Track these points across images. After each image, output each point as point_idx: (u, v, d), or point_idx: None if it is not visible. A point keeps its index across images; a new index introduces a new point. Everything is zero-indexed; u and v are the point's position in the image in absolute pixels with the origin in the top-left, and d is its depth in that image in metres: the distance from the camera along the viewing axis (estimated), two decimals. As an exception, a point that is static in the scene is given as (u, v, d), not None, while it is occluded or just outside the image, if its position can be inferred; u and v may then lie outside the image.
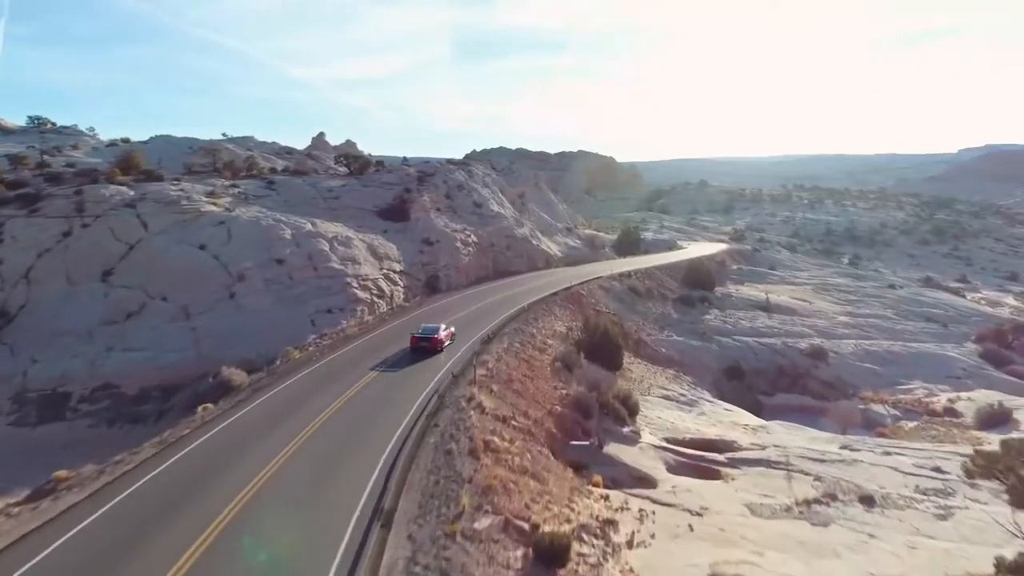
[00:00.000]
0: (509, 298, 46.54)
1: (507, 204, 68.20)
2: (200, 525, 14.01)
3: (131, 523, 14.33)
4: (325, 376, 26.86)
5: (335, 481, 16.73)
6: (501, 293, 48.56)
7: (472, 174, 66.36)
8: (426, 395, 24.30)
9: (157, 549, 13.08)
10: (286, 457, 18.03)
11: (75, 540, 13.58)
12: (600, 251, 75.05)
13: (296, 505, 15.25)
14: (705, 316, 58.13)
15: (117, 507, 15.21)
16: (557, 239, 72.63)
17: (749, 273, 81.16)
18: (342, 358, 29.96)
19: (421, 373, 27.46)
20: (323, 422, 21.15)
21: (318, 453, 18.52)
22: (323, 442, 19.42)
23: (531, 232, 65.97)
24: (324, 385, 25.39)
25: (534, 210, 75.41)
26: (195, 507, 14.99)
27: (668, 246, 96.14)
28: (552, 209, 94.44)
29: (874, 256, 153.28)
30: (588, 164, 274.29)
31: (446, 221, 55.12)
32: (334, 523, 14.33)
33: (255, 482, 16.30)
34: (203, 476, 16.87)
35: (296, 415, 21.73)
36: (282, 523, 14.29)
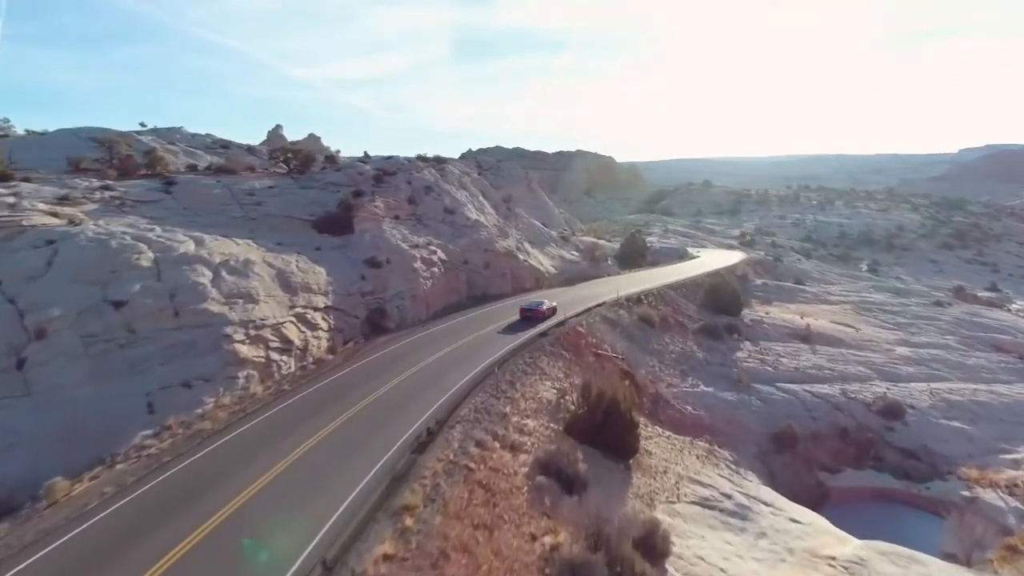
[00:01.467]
0: (482, 341, 33.28)
1: (489, 210, 54.85)
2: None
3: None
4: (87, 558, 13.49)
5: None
6: (472, 331, 35.26)
7: (446, 173, 52.98)
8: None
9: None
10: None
11: None
12: (601, 264, 61.59)
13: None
14: (736, 353, 44.78)
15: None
16: (550, 251, 59.22)
17: (776, 290, 67.76)
18: (165, 491, 16.64)
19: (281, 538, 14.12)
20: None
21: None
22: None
23: (518, 244, 52.54)
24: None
25: (523, 216, 62.09)
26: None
27: (678, 255, 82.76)
28: (546, 214, 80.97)
29: (893, 262, 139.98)
30: (587, 164, 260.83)
31: (405, 233, 41.71)
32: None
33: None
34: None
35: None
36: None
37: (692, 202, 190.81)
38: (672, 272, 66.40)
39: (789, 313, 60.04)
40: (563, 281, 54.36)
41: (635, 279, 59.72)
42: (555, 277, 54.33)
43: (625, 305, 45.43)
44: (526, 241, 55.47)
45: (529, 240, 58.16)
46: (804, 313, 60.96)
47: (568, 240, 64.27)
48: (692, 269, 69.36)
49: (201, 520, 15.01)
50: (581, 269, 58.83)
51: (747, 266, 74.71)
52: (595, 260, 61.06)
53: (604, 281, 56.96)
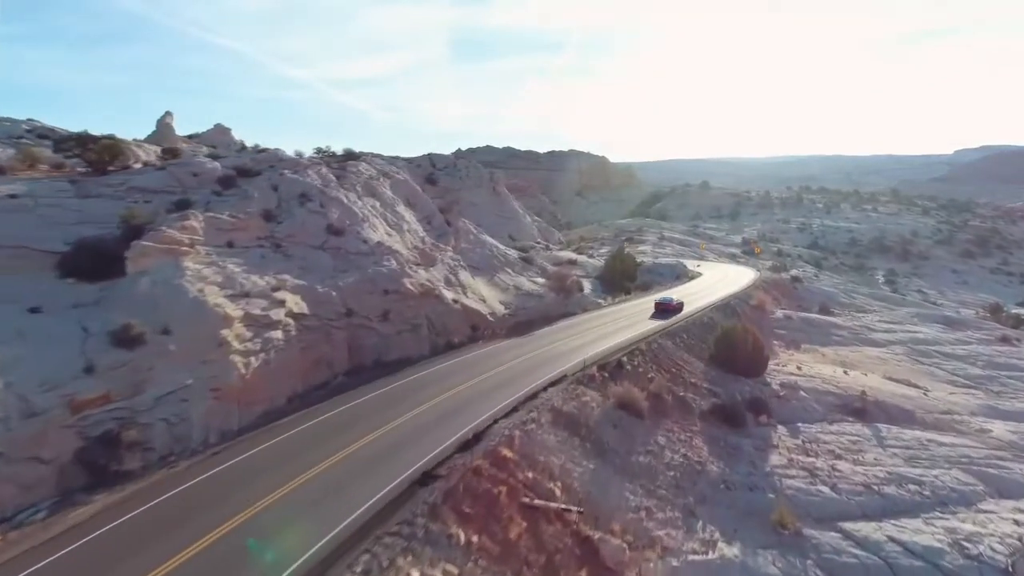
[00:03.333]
0: (310, 495, 16.24)
1: (412, 226, 37.62)
2: None
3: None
4: None
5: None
6: (303, 465, 18.21)
7: (346, 175, 35.66)
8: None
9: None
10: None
11: None
12: (574, 296, 44.29)
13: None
14: (770, 456, 27.55)
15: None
16: (503, 280, 41.91)
17: (803, 326, 50.47)
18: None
19: None
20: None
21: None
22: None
23: (449, 275, 35.32)
24: None
25: (471, 232, 44.85)
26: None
27: (675, 274, 65.52)
28: (515, 224, 63.73)
29: (911, 272, 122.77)
30: (580, 164, 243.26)
31: (233, 271, 24.52)
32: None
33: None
34: None
35: None
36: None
37: (689, 204, 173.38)
38: (669, 303, 49.22)
39: (827, 364, 42.86)
40: (514, 327, 37.19)
41: (619, 317, 42.54)
42: (504, 320, 37.16)
43: (597, 379, 28.28)
44: (465, 268, 38.21)
45: (473, 266, 40.96)
46: (846, 363, 43.78)
47: (532, 262, 47.07)
48: (694, 297, 52.21)
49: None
50: (545, 304, 41.60)
51: (762, 292, 57.39)
52: (565, 290, 43.80)
53: (574, 324, 39.75)
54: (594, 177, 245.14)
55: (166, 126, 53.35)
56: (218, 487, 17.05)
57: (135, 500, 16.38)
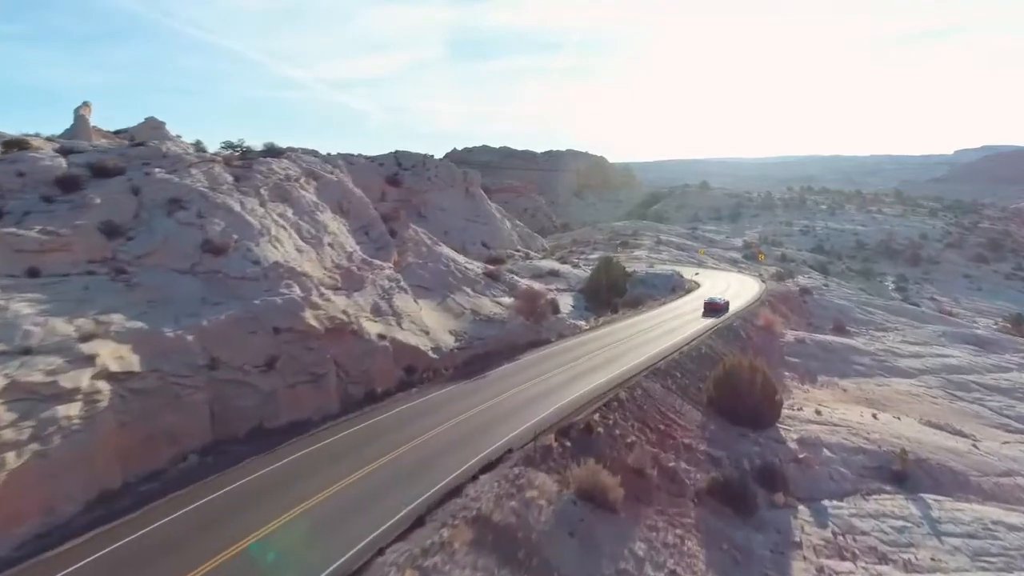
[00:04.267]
0: None
1: (338, 239, 29.57)
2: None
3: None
4: None
5: None
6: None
7: (250, 175, 27.64)
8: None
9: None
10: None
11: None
12: (546, 320, 36.24)
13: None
14: (789, 567, 19.67)
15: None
16: (458, 302, 33.85)
17: (819, 353, 42.32)
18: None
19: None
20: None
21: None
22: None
23: (376, 303, 27.30)
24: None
25: (422, 243, 36.78)
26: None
27: (670, 285, 57.40)
28: (489, 231, 55.75)
29: (922, 277, 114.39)
30: (577, 164, 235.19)
31: (19, 312, 16.67)
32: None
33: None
34: None
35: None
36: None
37: (688, 205, 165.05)
38: (661, 325, 41.20)
39: (851, 403, 34.76)
40: (465, 365, 29.16)
41: (602, 346, 34.47)
42: (452, 357, 29.15)
43: (554, 453, 20.31)
44: (406, 291, 30.17)
45: (420, 286, 32.98)
46: (873, 402, 35.68)
47: (499, 278, 39.00)
48: (693, 317, 44.20)
49: None
50: (509, 332, 33.58)
51: (770, 310, 49.22)
52: (536, 313, 35.75)
53: (543, 358, 31.66)
54: (592, 177, 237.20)
55: (81, 119, 45.35)
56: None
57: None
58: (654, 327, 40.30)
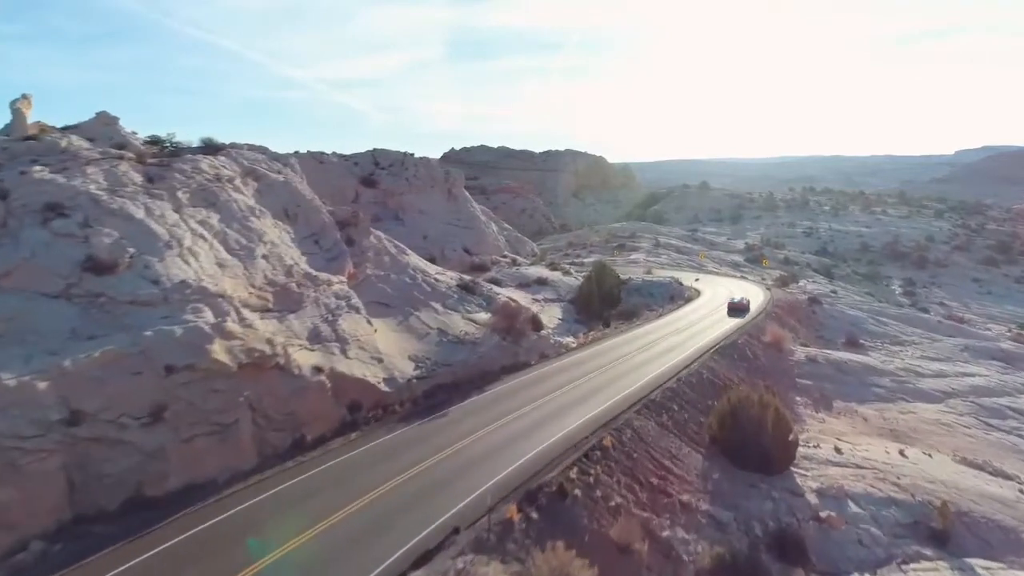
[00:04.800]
0: None
1: (277, 249, 24.91)
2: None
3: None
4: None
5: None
6: None
7: (168, 175, 22.91)
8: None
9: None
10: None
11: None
12: (526, 339, 31.54)
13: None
14: None
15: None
16: (424, 319, 29.12)
17: (832, 373, 37.51)
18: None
19: None
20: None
21: None
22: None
23: (315, 327, 22.67)
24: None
25: (384, 253, 32.00)
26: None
27: (668, 293, 52.69)
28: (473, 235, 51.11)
29: (930, 281, 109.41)
30: (576, 164, 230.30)
31: None
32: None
33: None
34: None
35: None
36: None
37: (688, 207, 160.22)
38: (658, 342, 36.50)
39: (873, 436, 30.04)
40: (426, 397, 24.50)
41: (590, 369, 29.78)
42: (410, 388, 24.47)
43: (515, 528, 15.71)
44: (358, 310, 25.49)
45: (379, 302, 28.33)
46: (898, 433, 30.95)
47: (474, 291, 34.25)
48: (693, 332, 39.54)
49: None
50: (481, 356, 28.89)
51: (777, 323, 44.44)
52: (515, 331, 31.05)
53: (520, 387, 26.96)
54: (591, 177, 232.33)
55: (18, 113, 40.65)
56: None
57: None
58: (650, 345, 35.63)
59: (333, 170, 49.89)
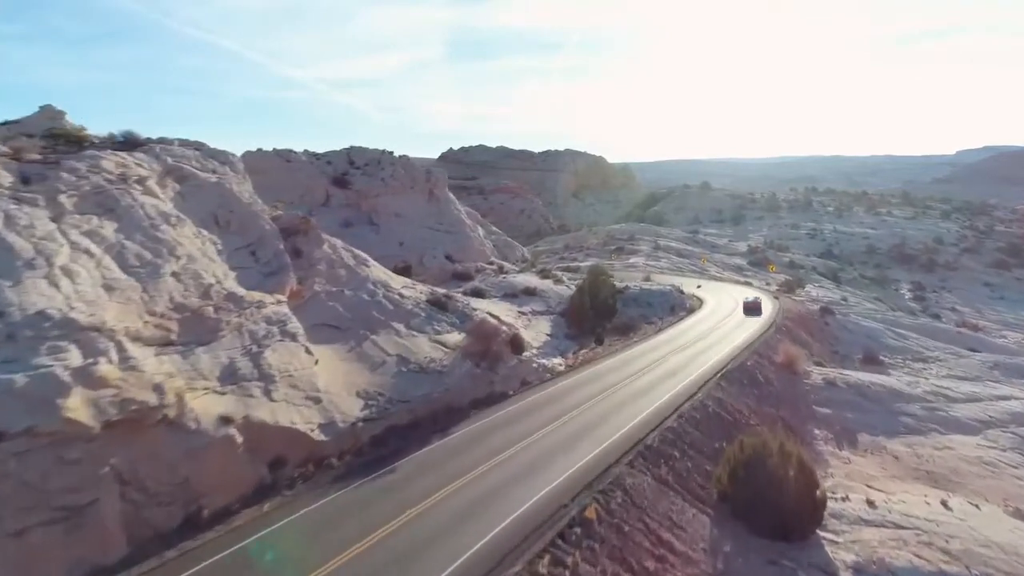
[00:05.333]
0: None
1: (191, 264, 20.37)
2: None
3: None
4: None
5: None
6: None
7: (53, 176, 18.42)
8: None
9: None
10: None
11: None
12: (504, 364, 26.90)
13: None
14: None
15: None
16: (380, 345, 24.52)
17: (853, 398, 32.76)
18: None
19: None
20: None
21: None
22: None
23: (230, 363, 18.14)
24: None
25: (338, 265, 27.40)
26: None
27: (669, 303, 48.03)
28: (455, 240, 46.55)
29: (939, 285, 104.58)
30: (575, 164, 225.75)
31: None
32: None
33: None
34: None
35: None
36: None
37: (688, 207, 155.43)
38: (656, 364, 31.82)
39: (909, 482, 25.37)
40: (373, 446, 19.89)
41: (579, 400, 25.14)
42: (354, 434, 19.85)
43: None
44: (295, 337, 20.88)
45: (327, 324, 23.75)
46: (936, 477, 26.29)
47: (446, 308, 29.62)
48: (696, 350, 34.87)
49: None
50: (449, 388, 24.24)
51: (787, 339, 39.74)
52: (491, 355, 26.45)
53: (491, 428, 22.36)
54: (591, 177, 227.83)
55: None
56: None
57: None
58: (648, 368, 31.00)
59: (302, 170, 45.23)
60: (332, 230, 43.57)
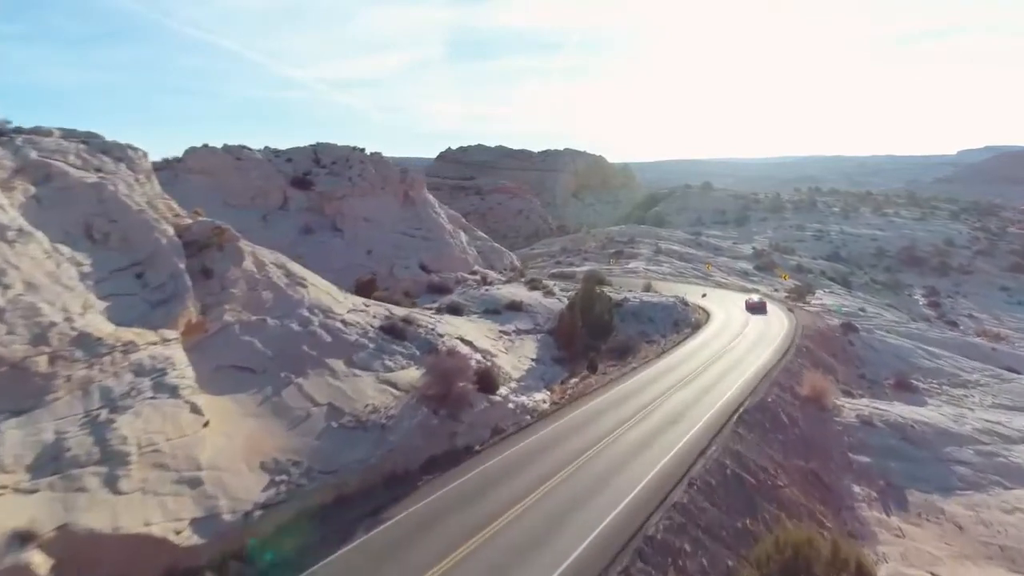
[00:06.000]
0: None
1: (35, 298, 14.88)
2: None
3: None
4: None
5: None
6: None
7: None
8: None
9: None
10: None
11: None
12: (470, 409, 21.19)
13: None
14: None
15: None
16: (307, 391, 18.97)
17: (896, 444, 26.96)
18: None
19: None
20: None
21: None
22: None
23: (57, 438, 12.46)
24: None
25: (261, 287, 21.89)
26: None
27: (672, 319, 42.31)
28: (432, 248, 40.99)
29: (953, 289, 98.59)
30: (575, 164, 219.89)
31: None
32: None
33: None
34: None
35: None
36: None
37: (690, 208, 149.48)
38: (658, 401, 26.08)
39: (979, 565, 19.69)
40: (271, 545, 14.34)
41: (557, 463, 19.47)
42: (244, 530, 14.21)
43: None
44: (171, 390, 15.29)
45: (228, 369, 18.18)
46: (1010, 552, 20.48)
47: (403, 335, 23.89)
48: (705, 381, 29.14)
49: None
50: (393, 449, 18.58)
51: (809, 363, 33.97)
52: (453, 399, 20.79)
53: (435, 514, 16.76)
54: (591, 177, 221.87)
55: None
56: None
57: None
58: (648, 407, 25.32)
59: (255, 169, 39.59)
60: (289, 238, 38.04)
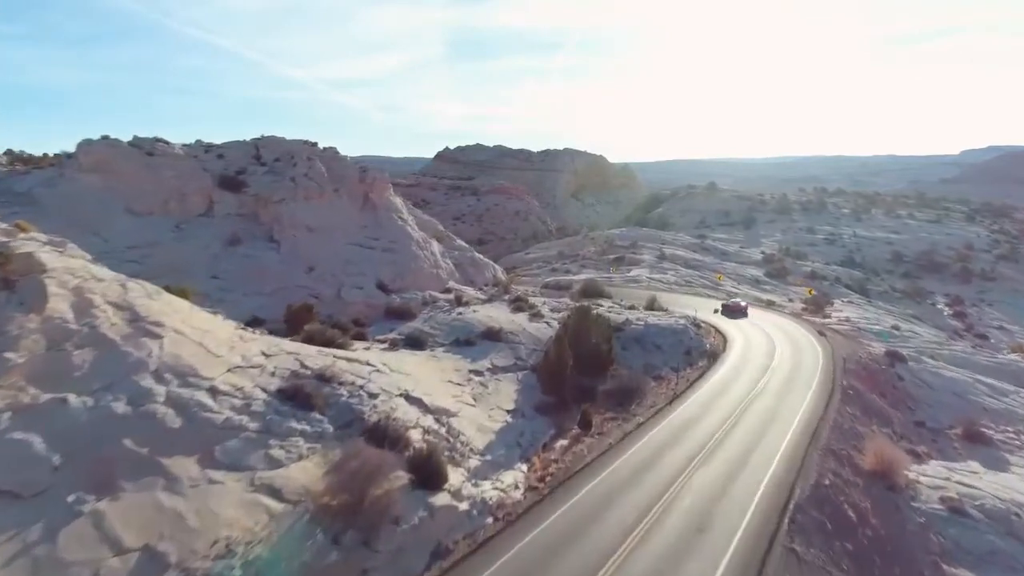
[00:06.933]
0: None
1: None
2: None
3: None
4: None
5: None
6: None
7: None
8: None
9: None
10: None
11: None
12: (391, 538, 13.63)
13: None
14: None
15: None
16: (111, 522, 11.61)
17: (1002, 547, 19.60)
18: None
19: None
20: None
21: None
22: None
23: None
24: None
25: (90, 339, 14.56)
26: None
27: (683, 346, 34.70)
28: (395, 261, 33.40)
29: (978, 297, 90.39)
30: (575, 164, 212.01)
31: None
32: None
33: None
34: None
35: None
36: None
37: (694, 209, 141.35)
38: (673, 489, 18.42)
39: None
40: None
41: None
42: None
43: None
44: None
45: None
46: None
47: (311, 400, 16.60)
48: (732, 446, 21.48)
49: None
50: None
51: (862, 415, 26.35)
52: (366, 515, 13.26)
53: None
54: (591, 177, 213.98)
55: None
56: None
57: None
58: (663, 499, 17.73)
59: (171, 167, 32.13)
60: (208, 253, 30.41)
